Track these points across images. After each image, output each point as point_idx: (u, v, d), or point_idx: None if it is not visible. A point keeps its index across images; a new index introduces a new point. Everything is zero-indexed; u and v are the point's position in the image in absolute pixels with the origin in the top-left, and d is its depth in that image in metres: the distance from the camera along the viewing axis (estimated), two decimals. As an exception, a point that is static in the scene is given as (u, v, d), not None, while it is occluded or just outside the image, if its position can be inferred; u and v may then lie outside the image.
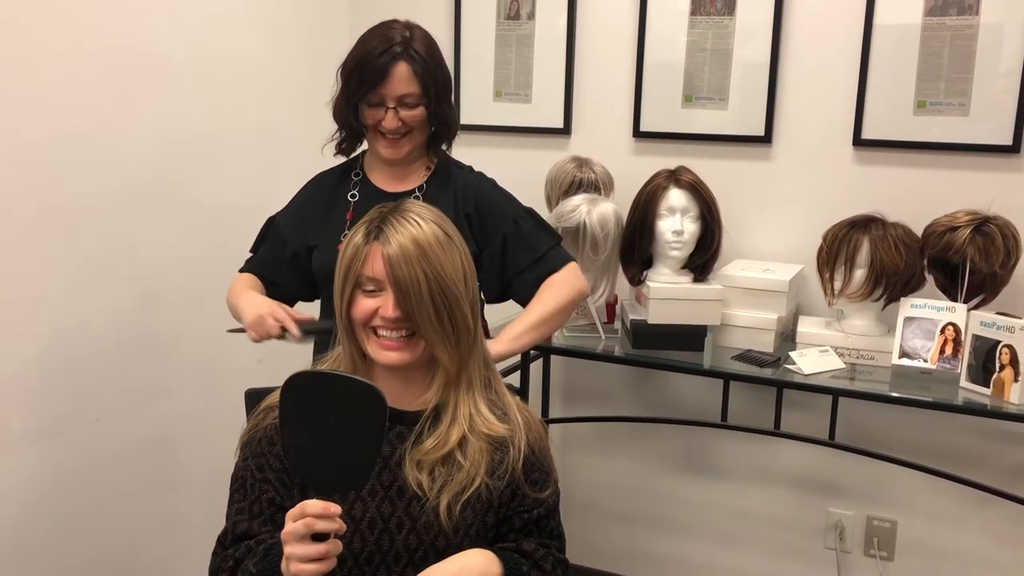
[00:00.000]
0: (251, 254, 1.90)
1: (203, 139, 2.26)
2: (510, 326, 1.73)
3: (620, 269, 2.31)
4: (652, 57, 2.45)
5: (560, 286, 1.76)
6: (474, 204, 1.78)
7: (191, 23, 2.19)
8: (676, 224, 2.16)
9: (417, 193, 1.79)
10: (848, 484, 2.43)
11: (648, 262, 2.26)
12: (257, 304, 1.70)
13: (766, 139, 2.37)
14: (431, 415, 1.30)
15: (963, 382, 1.97)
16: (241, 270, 1.88)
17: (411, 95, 1.69)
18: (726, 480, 2.55)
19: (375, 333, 1.27)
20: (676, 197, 2.17)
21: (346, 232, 1.74)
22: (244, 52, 2.36)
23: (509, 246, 1.78)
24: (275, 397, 1.33)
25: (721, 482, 2.56)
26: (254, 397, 1.46)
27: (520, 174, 2.55)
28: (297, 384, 1.11)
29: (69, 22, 1.90)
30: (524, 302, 1.79)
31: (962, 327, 1.99)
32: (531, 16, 2.57)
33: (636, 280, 2.29)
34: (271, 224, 1.88)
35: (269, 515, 1.26)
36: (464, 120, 2.69)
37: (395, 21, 1.73)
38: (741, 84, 2.37)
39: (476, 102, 2.67)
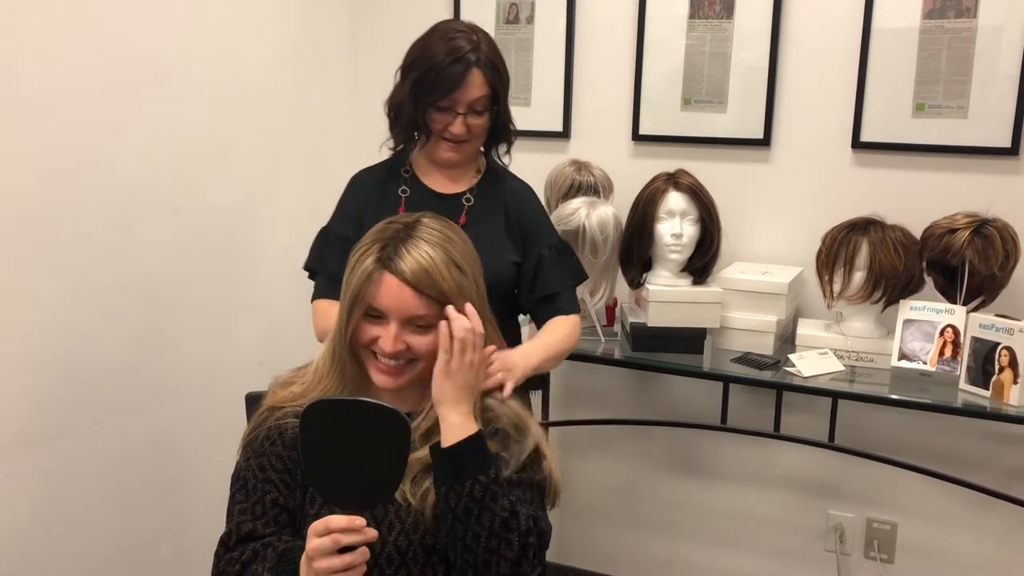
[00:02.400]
0: (313, 271, 1.82)
1: (204, 143, 2.26)
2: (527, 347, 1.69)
3: (619, 272, 2.32)
4: (651, 60, 2.45)
5: (569, 326, 1.78)
6: (525, 214, 1.83)
7: (193, 30, 2.19)
8: (675, 227, 2.16)
9: (468, 195, 1.81)
10: (848, 486, 2.42)
11: (647, 265, 2.27)
12: None
13: (765, 142, 2.37)
14: (426, 427, 1.30)
15: (962, 384, 1.98)
16: (315, 297, 1.78)
17: (481, 100, 1.72)
18: (725, 483, 2.55)
19: (374, 355, 1.28)
20: (675, 200, 2.17)
21: None
22: (244, 59, 2.37)
23: (542, 268, 1.81)
24: (275, 398, 1.34)
25: (721, 485, 2.56)
26: (254, 401, 1.46)
27: (519, 177, 2.58)
28: (319, 410, 1.11)
29: (73, 27, 1.90)
30: (539, 324, 1.82)
31: (961, 329, 1.99)
32: (530, 20, 2.58)
33: (635, 283, 2.29)
34: (327, 235, 1.82)
35: (273, 516, 1.26)
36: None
37: (458, 22, 1.76)
38: (740, 87, 2.38)
39: (475, 105, 2.68)
